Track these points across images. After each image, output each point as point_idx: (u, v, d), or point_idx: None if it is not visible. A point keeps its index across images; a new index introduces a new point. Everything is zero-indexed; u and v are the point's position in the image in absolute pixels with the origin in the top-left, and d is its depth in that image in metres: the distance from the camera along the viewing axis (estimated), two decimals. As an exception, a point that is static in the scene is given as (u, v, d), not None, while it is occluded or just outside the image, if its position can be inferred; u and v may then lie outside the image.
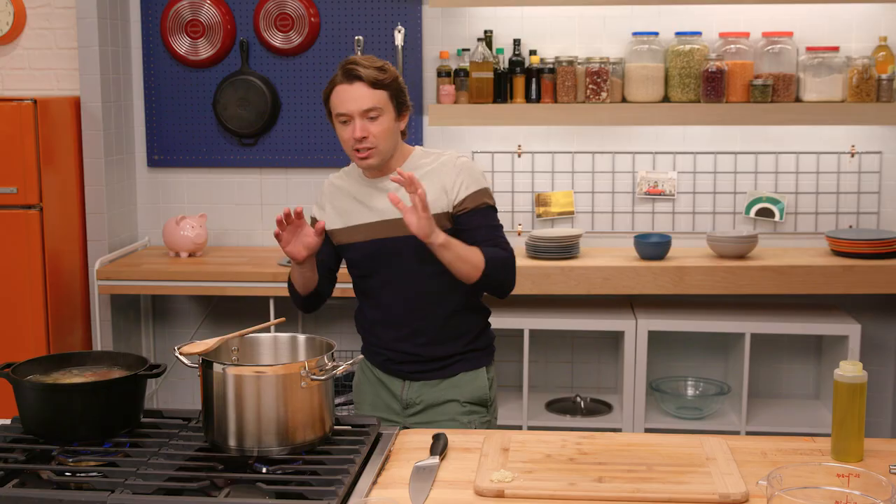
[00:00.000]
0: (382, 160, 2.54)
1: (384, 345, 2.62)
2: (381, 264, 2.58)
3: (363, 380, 2.71)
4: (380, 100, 2.49)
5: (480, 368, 2.65)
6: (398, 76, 2.55)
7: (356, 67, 2.48)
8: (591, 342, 4.35)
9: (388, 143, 2.53)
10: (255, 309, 4.14)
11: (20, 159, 3.81)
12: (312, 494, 1.83)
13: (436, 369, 2.61)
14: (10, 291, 3.86)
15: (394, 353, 2.61)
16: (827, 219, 4.20)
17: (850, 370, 2.05)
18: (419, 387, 2.62)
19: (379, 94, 2.49)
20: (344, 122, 2.51)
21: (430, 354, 2.59)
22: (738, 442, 2.18)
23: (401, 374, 2.63)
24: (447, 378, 2.61)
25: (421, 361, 2.60)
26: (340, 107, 2.49)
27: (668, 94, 4.02)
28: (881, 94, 3.91)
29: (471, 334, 2.63)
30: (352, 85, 2.48)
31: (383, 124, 2.50)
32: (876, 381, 4.22)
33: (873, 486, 1.71)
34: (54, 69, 4.26)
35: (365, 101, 2.47)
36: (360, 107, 2.47)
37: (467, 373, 2.62)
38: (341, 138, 2.54)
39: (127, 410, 2.13)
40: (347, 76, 2.49)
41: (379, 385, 2.67)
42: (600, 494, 1.88)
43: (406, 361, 2.61)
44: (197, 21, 4.23)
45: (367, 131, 2.48)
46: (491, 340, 2.71)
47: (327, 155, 4.27)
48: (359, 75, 2.47)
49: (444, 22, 4.21)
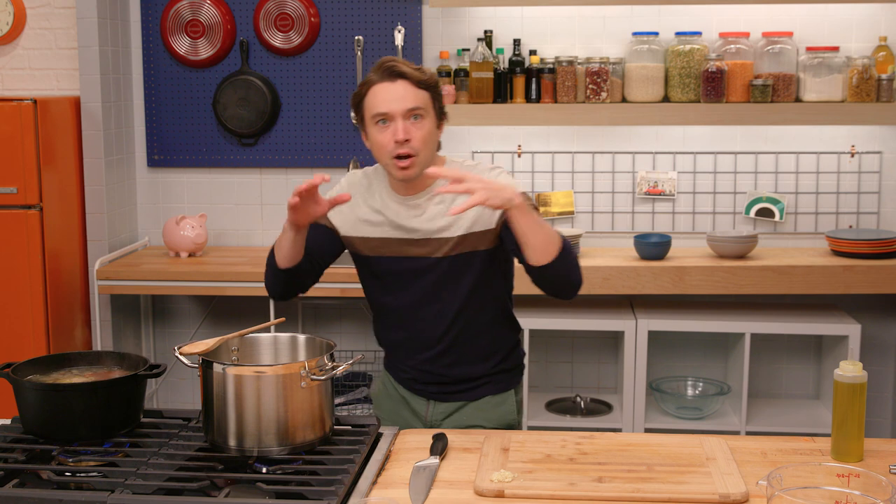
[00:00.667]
0: (421, 171, 2.30)
1: (409, 364, 2.48)
2: (410, 282, 2.40)
3: (384, 393, 2.58)
4: (424, 100, 2.30)
5: (508, 391, 2.50)
6: (438, 80, 2.38)
7: (398, 65, 2.29)
8: (591, 342, 4.35)
9: (429, 151, 2.32)
10: (255, 309, 4.14)
11: (20, 159, 3.81)
12: (312, 494, 1.83)
13: (462, 391, 2.47)
14: (10, 291, 3.86)
15: (419, 372, 2.47)
16: (827, 219, 4.20)
17: (850, 370, 2.05)
18: (444, 408, 2.48)
19: (423, 94, 2.30)
20: (382, 123, 2.30)
21: (457, 375, 2.45)
22: (738, 442, 2.18)
23: (425, 393, 2.49)
24: (473, 401, 2.47)
25: (447, 382, 2.46)
26: (381, 106, 2.28)
27: (668, 94, 4.02)
28: (881, 94, 3.91)
29: (500, 354, 2.48)
30: (394, 83, 2.28)
31: (426, 128, 2.30)
32: (876, 381, 4.22)
33: (873, 486, 1.71)
34: (54, 69, 4.26)
35: (409, 99, 2.28)
36: (403, 105, 2.27)
37: (494, 396, 2.48)
38: (378, 144, 2.31)
39: (127, 410, 2.13)
40: (389, 74, 2.29)
41: (401, 402, 2.53)
42: (600, 494, 1.88)
43: (432, 382, 2.47)
44: (197, 21, 4.23)
45: (410, 133, 2.27)
46: (520, 359, 2.56)
47: (327, 155, 4.27)
48: (402, 73, 2.28)
49: (444, 22, 4.21)
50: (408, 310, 2.42)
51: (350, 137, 4.29)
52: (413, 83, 2.29)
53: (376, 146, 2.33)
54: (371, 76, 2.32)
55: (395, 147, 2.27)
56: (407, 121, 2.28)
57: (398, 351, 2.51)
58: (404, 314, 2.43)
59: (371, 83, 2.31)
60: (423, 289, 2.39)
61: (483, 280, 2.40)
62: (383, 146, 2.29)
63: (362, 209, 2.43)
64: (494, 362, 2.47)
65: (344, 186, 2.47)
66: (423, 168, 2.29)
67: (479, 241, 2.34)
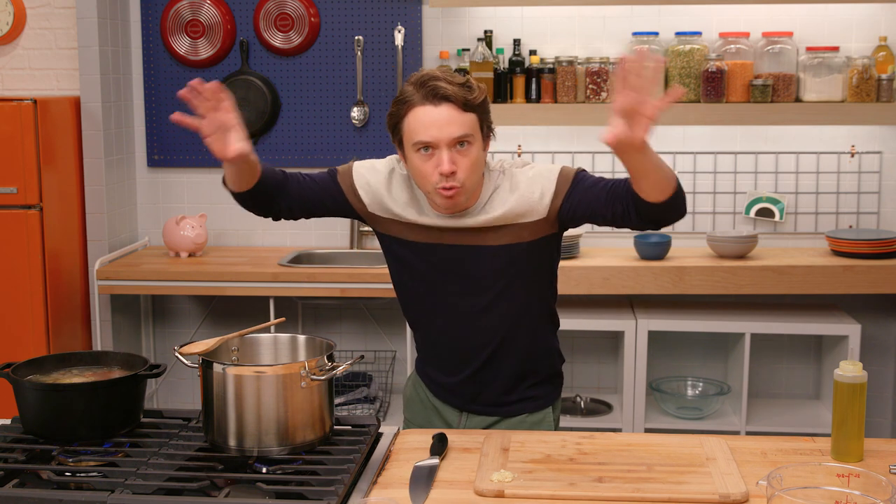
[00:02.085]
0: (468, 199, 2.13)
1: (438, 378, 2.35)
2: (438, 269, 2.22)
3: (415, 398, 2.44)
4: (471, 125, 2.08)
5: (546, 409, 2.34)
6: (486, 92, 2.15)
7: (442, 85, 2.05)
8: (591, 342, 4.35)
9: (477, 176, 2.12)
10: (255, 309, 4.14)
11: (20, 159, 3.81)
12: (312, 494, 1.83)
13: (498, 405, 2.32)
14: (10, 291, 3.87)
15: (451, 384, 2.33)
16: (827, 219, 4.20)
17: (850, 370, 2.05)
18: (477, 421, 2.34)
19: (469, 117, 2.08)
20: (425, 151, 2.08)
21: (492, 392, 2.31)
22: (738, 442, 2.18)
23: (457, 405, 2.35)
24: (507, 418, 2.32)
25: (480, 399, 2.32)
26: (423, 134, 2.05)
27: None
28: (881, 94, 3.91)
29: (541, 372, 2.32)
30: (438, 107, 2.05)
31: (472, 154, 2.09)
32: (876, 381, 4.22)
33: (873, 486, 1.71)
34: (54, 69, 4.26)
35: (455, 127, 2.05)
36: (449, 134, 2.05)
37: (531, 415, 2.33)
38: (419, 172, 2.10)
39: (127, 410, 2.13)
40: (432, 96, 2.06)
41: (432, 411, 2.40)
42: (600, 494, 1.88)
43: (464, 395, 2.33)
44: (197, 21, 4.23)
45: (456, 164, 2.06)
46: (559, 369, 2.38)
47: (327, 155, 4.27)
48: (446, 95, 2.05)
49: (444, 22, 4.21)
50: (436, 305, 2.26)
51: (350, 137, 4.29)
52: (459, 107, 2.06)
53: (417, 173, 2.12)
54: (411, 94, 2.09)
55: (439, 179, 2.08)
56: (452, 149, 2.07)
57: (427, 359, 2.37)
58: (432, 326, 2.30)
59: (411, 104, 2.08)
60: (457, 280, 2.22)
61: (530, 274, 2.24)
62: (425, 175, 2.09)
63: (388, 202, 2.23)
64: (533, 380, 2.32)
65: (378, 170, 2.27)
66: (469, 195, 2.13)
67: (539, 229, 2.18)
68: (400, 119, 2.12)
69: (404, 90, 2.12)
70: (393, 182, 2.25)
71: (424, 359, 2.41)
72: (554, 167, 2.22)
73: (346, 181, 2.28)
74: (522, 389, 2.33)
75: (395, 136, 2.16)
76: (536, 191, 2.18)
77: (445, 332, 2.30)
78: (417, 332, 2.38)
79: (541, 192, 2.18)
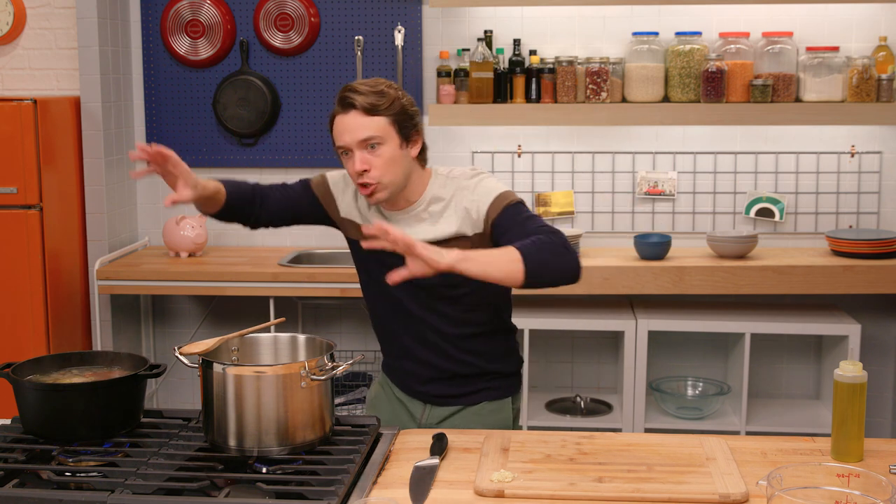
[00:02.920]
0: (391, 194, 2.32)
1: (404, 368, 2.48)
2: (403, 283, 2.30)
3: (381, 395, 2.57)
4: (378, 127, 2.27)
5: (506, 399, 2.49)
6: (400, 99, 2.31)
7: (349, 95, 2.28)
8: (591, 342, 4.35)
9: (394, 174, 2.30)
10: (255, 309, 4.14)
11: (20, 159, 3.81)
12: (312, 494, 1.83)
13: (460, 395, 2.46)
14: (10, 291, 3.86)
15: (416, 374, 2.47)
16: (827, 219, 4.20)
17: (850, 370, 2.05)
18: (440, 412, 2.47)
19: (376, 120, 2.27)
20: (345, 154, 2.31)
21: (453, 378, 2.44)
22: (738, 442, 2.18)
23: (422, 396, 2.48)
24: (469, 406, 2.46)
25: (443, 384, 2.45)
26: (338, 139, 2.30)
27: (668, 94, 4.02)
28: (881, 94, 3.91)
29: (497, 359, 2.47)
30: (347, 114, 2.28)
31: (385, 154, 2.27)
32: (876, 381, 4.22)
33: (873, 486, 1.71)
34: (54, 69, 4.26)
35: (360, 130, 2.27)
36: (355, 137, 2.27)
37: (491, 402, 2.47)
38: (348, 172, 2.35)
39: (127, 410, 2.13)
40: (342, 104, 2.29)
41: (398, 404, 2.52)
42: (600, 494, 1.88)
43: (428, 380, 2.46)
44: (197, 21, 4.23)
45: (368, 163, 2.27)
46: (518, 366, 2.54)
47: (327, 155, 4.27)
48: (352, 103, 2.27)
49: (444, 22, 4.21)
50: (400, 311, 2.41)
51: (350, 137, 4.28)
52: (363, 112, 2.26)
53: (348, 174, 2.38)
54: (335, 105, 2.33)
55: (356, 176, 2.29)
56: (364, 150, 2.27)
57: (396, 353, 2.50)
58: (397, 315, 2.43)
59: (333, 113, 2.33)
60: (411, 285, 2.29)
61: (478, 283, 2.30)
62: (350, 176, 2.33)
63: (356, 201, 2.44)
64: (491, 368, 2.46)
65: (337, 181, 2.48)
66: (392, 190, 2.31)
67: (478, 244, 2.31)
68: (331, 129, 2.35)
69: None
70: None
71: (393, 357, 2.52)
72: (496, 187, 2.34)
73: (320, 188, 2.47)
74: (481, 383, 2.46)
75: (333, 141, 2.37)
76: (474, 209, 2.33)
77: (406, 331, 2.44)
78: (384, 332, 2.51)
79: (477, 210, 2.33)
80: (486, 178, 2.39)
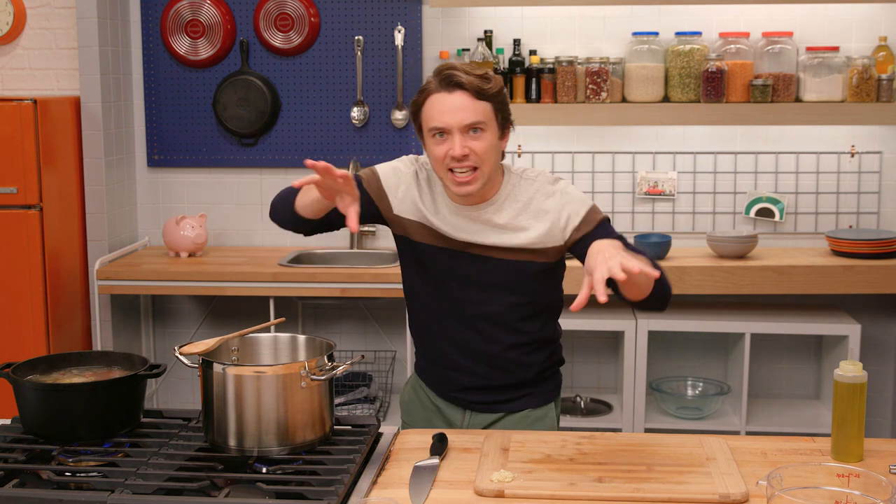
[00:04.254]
0: (482, 186, 2.20)
1: (442, 374, 2.38)
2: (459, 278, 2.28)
3: (415, 400, 2.47)
4: (484, 113, 2.16)
5: (549, 405, 2.40)
6: (503, 86, 2.22)
7: (457, 73, 2.15)
8: (591, 342, 4.35)
9: (490, 165, 2.19)
10: (255, 309, 4.14)
11: (20, 159, 3.81)
12: (312, 494, 1.83)
13: (502, 401, 2.36)
14: (10, 291, 3.86)
15: (454, 381, 2.37)
16: (827, 219, 4.21)
17: (850, 370, 2.05)
18: (481, 419, 2.37)
19: (483, 106, 2.16)
20: (438, 136, 2.17)
21: (497, 383, 2.35)
22: (738, 442, 2.18)
23: (461, 402, 2.38)
24: (511, 413, 2.37)
25: (486, 390, 2.35)
26: (437, 119, 2.15)
27: (668, 94, 4.02)
28: (881, 94, 3.91)
29: (542, 368, 2.38)
30: (451, 94, 2.14)
31: (487, 142, 2.16)
32: (876, 381, 4.22)
33: (873, 486, 1.71)
34: (54, 69, 4.26)
35: (467, 113, 2.14)
36: (461, 120, 2.14)
37: (535, 410, 2.38)
38: (434, 156, 2.19)
39: (127, 410, 2.13)
40: (446, 83, 2.15)
41: (433, 410, 2.42)
42: (600, 494, 1.88)
43: (468, 388, 2.36)
44: (197, 21, 4.23)
45: (469, 149, 2.15)
46: (560, 368, 2.46)
47: (327, 155, 4.27)
48: (460, 83, 2.14)
49: (444, 22, 4.21)
50: (449, 318, 2.32)
51: (350, 137, 4.29)
52: (472, 94, 2.15)
53: (432, 158, 2.22)
54: (428, 84, 2.20)
55: (450, 161, 2.16)
56: (465, 135, 2.16)
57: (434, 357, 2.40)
58: (445, 321, 2.33)
59: (428, 92, 2.19)
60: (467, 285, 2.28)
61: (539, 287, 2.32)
62: (439, 160, 2.18)
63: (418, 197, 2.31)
64: (536, 371, 2.37)
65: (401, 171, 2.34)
66: (483, 183, 2.20)
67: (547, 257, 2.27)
68: (419, 106, 2.21)
69: (427, 80, 2.22)
70: (420, 184, 2.32)
71: (431, 360, 2.43)
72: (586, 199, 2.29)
73: (372, 185, 2.33)
74: (525, 390, 2.38)
75: (416, 123, 2.25)
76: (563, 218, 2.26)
77: (453, 334, 2.35)
78: (426, 334, 2.41)
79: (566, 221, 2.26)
80: (568, 184, 2.31)
